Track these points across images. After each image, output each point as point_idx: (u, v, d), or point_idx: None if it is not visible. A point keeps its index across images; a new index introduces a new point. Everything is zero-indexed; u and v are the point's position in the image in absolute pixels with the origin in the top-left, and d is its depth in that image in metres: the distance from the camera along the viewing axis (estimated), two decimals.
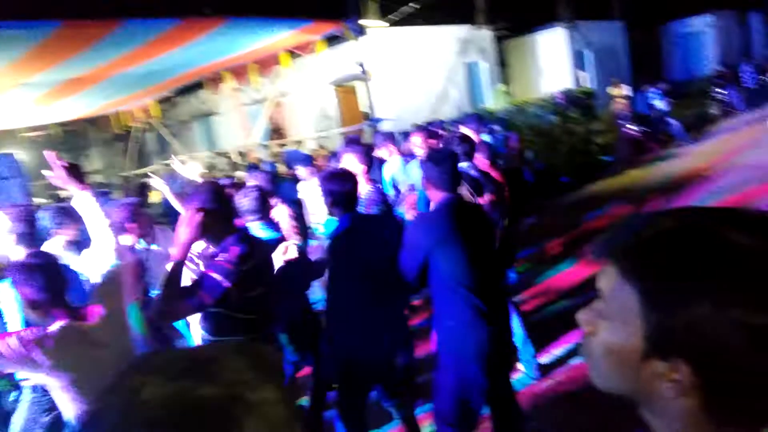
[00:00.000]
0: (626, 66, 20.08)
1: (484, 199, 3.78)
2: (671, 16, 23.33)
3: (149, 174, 7.26)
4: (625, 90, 14.17)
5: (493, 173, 4.24)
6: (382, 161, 5.56)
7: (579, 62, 17.92)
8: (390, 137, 5.84)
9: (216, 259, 2.49)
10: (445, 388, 2.81)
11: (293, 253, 3.43)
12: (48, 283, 2.22)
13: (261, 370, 0.63)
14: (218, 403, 0.57)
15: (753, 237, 0.61)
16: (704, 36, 22.72)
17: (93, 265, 2.71)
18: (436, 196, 2.86)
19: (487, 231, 3.00)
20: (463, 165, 3.87)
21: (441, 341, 2.82)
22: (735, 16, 23.81)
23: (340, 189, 3.01)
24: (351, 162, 4.08)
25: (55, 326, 2.18)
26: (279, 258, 3.33)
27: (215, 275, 2.43)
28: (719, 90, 15.06)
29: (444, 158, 2.90)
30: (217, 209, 2.55)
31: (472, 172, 3.96)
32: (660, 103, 12.63)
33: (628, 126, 11.82)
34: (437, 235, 2.74)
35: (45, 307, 2.23)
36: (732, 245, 0.61)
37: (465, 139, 4.06)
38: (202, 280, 2.44)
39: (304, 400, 3.64)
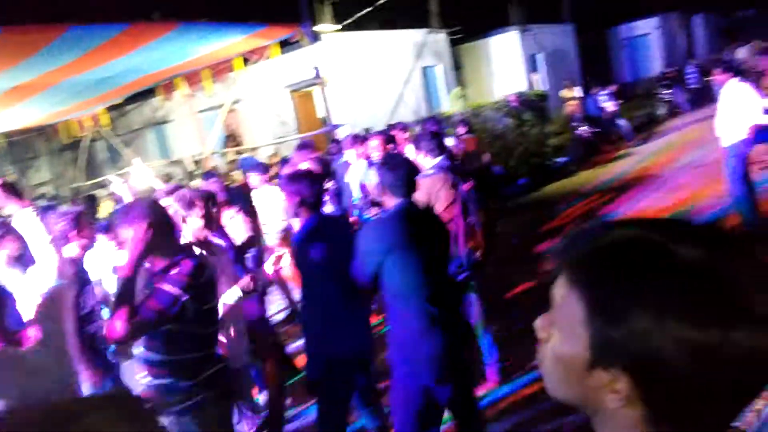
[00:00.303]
0: (577, 69, 20.59)
1: (466, 186, 3.81)
2: (618, 19, 24.07)
3: (109, 180, 7.04)
4: (576, 92, 14.53)
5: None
6: (347, 164, 5.55)
7: (532, 65, 18.29)
8: (357, 140, 5.81)
9: (169, 273, 2.44)
10: (401, 400, 2.75)
11: (287, 262, 3.41)
12: None
13: (132, 421, 0.61)
14: None
15: (698, 251, 0.62)
16: (650, 38, 23.50)
17: (33, 285, 2.61)
18: (390, 202, 2.84)
19: (441, 236, 2.98)
20: (437, 160, 3.92)
21: (394, 351, 2.77)
22: (679, 18, 24.72)
23: (308, 190, 3.00)
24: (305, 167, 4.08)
25: None
26: (270, 267, 3.35)
27: (169, 287, 2.38)
28: (665, 91, 15.58)
29: (398, 164, 2.88)
30: (162, 225, 2.49)
31: (447, 163, 3.99)
32: (610, 105, 12.98)
33: (580, 128, 12.11)
34: (389, 241, 2.69)
35: None
36: (676, 259, 0.61)
37: (435, 134, 4.10)
38: (155, 295, 2.38)
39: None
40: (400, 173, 2.82)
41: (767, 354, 0.59)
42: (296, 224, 3.17)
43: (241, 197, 5.44)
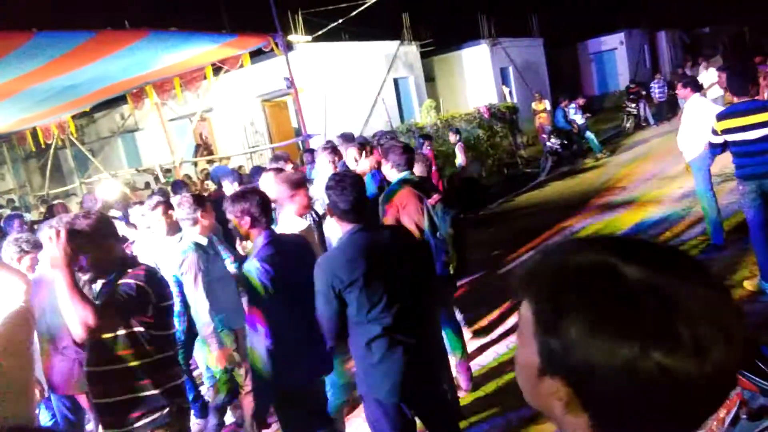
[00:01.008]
0: (546, 82, 20.98)
1: (432, 200, 3.76)
2: (586, 35, 24.66)
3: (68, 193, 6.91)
4: (546, 105, 14.79)
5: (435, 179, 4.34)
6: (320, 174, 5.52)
7: (503, 78, 18.57)
8: (333, 150, 5.74)
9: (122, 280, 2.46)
10: (376, 425, 2.67)
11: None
12: None
13: None
14: None
15: (644, 272, 0.64)
16: (617, 53, 24.09)
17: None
18: (343, 227, 2.64)
19: (408, 256, 2.68)
20: (404, 173, 3.91)
21: (360, 379, 2.67)
22: (644, 34, 25.43)
23: (257, 207, 2.86)
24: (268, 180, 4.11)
25: None
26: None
27: (130, 280, 2.43)
28: (631, 104, 15.96)
29: (348, 184, 2.61)
30: (96, 247, 2.48)
31: (415, 178, 3.98)
32: (578, 118, 13.24)
33: (550, 140, 12.31)
34: (342, 277, 2.45)
35: None
36: (619, 279, 0.65)
37: (406, 149, 4.09)
38: (121, 289, 2.40)
39: None
40: (348, 196, 2.57)
41: (688, 379, 0.61)
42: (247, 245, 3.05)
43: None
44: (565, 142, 12.37)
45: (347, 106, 13.23)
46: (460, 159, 9.61)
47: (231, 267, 4.08)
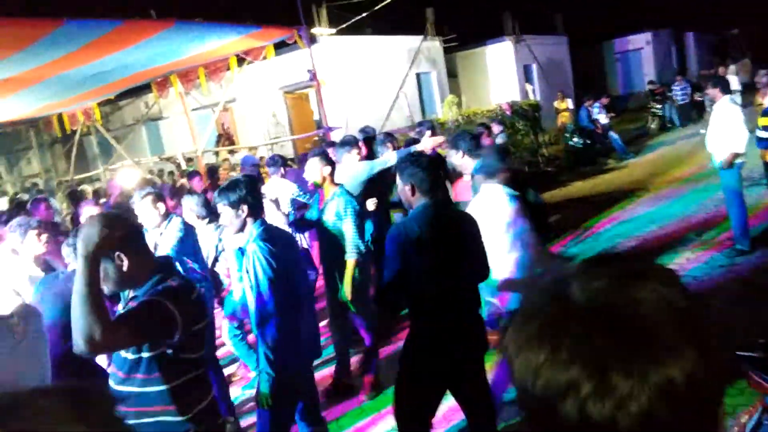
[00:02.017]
0: (570, 80, 20.75)
1: None
2: (612, 33, 24.31)
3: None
4: (569, 104, 14.64)
5: None
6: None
7: (526, 75, 18.41)
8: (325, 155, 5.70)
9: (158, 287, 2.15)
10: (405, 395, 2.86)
11: None
12: None
13: (81, 410, 0.60)
14: None
15: (583, 293, 0.62)
16: (643, 53, 23.74)
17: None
18: (416, 201, 2.89)
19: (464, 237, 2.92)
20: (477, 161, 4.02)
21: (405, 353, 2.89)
22: (671, 34, 25.01)
23: (255, 195, 2.95)
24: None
25: None
26: None
27: (157, 298, 2.09)
28: (657, 105, 15.73)
29: (426, 162, 2.93)
30: (135, 246, 2.17)
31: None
32: (602, 117, 13.08)
33: (573, 139, 12.19)
34: (406, 244, 2.74)
35: None
36: (564, 301, 0.63)
37: (474, 134, 4.35)
38: (144, 307, 2.06)
39: None
40: (431, 172, 2.84)
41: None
42: (240, 237, 3.04)
43: None
44: (588, 142, 12.23)
45: (369, 99, 13.22)
46: None
47: None
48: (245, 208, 2.88)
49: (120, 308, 2.37)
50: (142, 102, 16.40)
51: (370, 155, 5.67)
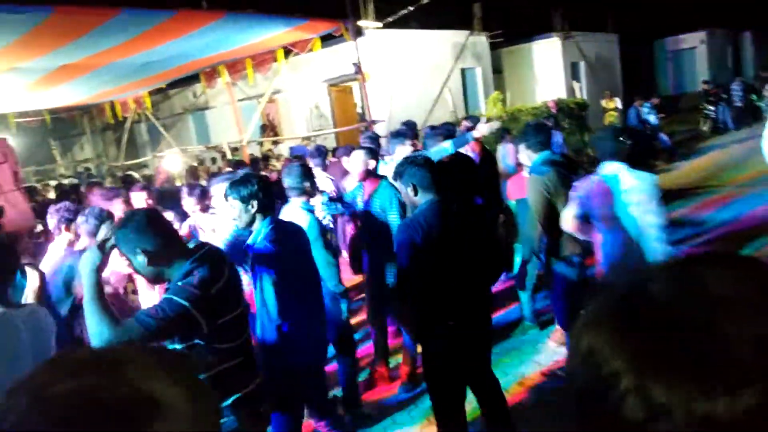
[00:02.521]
0: (619, 79, 20.25)
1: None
2: (664, 32, 23.57)
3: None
4: (617, 103, 14.30)
5: None
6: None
7: (573, 73, 18.06)
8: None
9: (178, 283, 2.18)
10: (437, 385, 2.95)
11: None
12: None
13: (170, 372, 0.62)
14: (124, 401, 0.57)
15: (665, 292, 0.59)
16: (696, 53, 22.97)
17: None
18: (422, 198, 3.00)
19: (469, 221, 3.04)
20: (545, 152, 4.02)
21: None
22: (727, 34, 24.10)
23: (266, 192, 2.92)
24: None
25: None
26: None
27: (177, 299, 2.13)
28: (710, 107, 15.21)
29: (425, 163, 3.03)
30: (159, 241, 2.22)
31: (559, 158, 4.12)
32: (652, 118, 12.74)
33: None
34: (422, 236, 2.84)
35: None
36: (641, 294, 0.60)
37: (541, 127, 4.23)
38: (164, 304, 2.12)
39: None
40: (429, 170, 2.94)
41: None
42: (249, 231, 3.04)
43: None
44: (636, 143, 11.93)
45: (412, 94, 13.20)
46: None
47: None
48: (255, 203, 2.87)
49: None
50: (190, 92, 16.78)
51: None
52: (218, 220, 4.26)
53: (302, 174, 3.75)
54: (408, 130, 5.36)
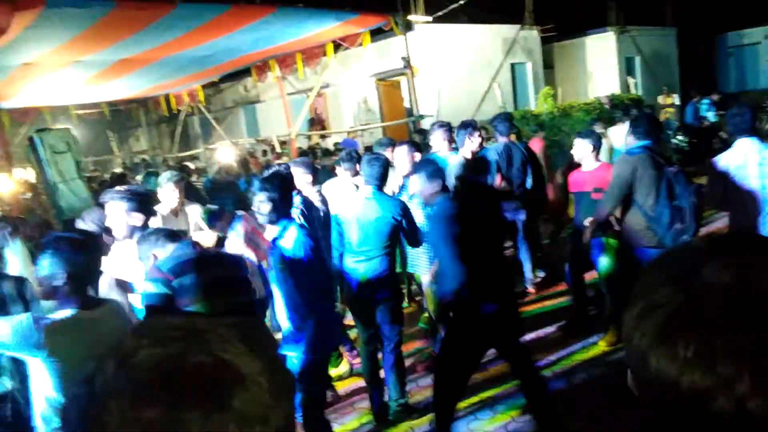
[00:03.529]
0: (677, 75, 19.56)
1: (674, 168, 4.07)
2: (726, 26, 22.57)
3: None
4: (674, 99, 13.82)
5: None
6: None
7: (628, 68, 17.53)
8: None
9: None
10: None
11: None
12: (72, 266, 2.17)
13: (251, 344, 0.64)
14: (209, 370, 0.59)
15: (723, 276, 0.59)
16: (760, 48, 21.94)
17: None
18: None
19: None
20: (645, 141, 4.08)
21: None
22: None
23: (284, 193, 3.04)
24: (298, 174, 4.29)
25: (63, 313, 2.18)
26: None
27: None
28: None
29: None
30: None
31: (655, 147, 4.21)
32: (710, 115, 12.25)
33: (676, 137, 11.51)
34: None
35: (63, 290, 2.19)
36: (697, 285, 0.61)
37: (650, 119, 4.37)
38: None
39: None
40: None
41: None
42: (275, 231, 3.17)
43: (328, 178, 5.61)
44: (694, 141, 11.51)
45: (461, 88, 13.09)
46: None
47: None
48: (278, 202, 2.99)
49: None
50: (241, 85, 17.10)
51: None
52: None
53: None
54: (474, 121, 5.41)
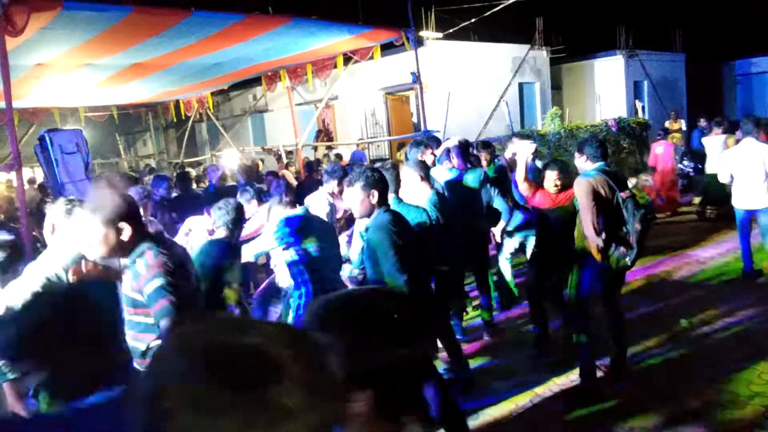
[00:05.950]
0: (684, 100, 19.62)
1: (624, 194, 4.04)
2: (736, 54, 22.67)
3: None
4: (682, 124, 13.83)
5: None
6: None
7: (636, 92, 17.60)
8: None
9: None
10: None
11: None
12: None
13: (291, 344, 0.68)
14: (252, 361, 0.63)
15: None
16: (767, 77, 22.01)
17: None
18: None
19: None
20: (600, 164, 4.17)
21: None
22: None
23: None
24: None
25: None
26: None
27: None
28: None
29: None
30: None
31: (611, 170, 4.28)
32: None
33: (683, 162, 11.51)
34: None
35: None
36: None
37: (600, 142, 4.32)
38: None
39: None
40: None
41: None
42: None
43: None
44: (699, 166, 11.49)
45: (469, 106, 13.15)
46: None
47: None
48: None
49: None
50: (251, 94, 17.21)
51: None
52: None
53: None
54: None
